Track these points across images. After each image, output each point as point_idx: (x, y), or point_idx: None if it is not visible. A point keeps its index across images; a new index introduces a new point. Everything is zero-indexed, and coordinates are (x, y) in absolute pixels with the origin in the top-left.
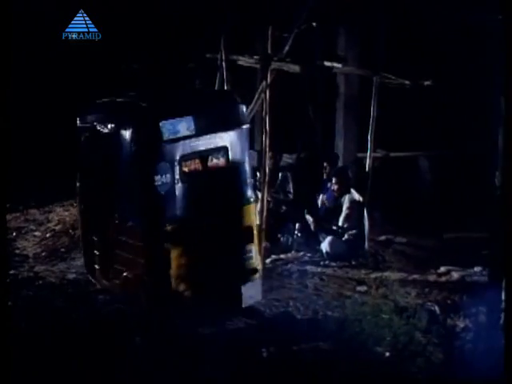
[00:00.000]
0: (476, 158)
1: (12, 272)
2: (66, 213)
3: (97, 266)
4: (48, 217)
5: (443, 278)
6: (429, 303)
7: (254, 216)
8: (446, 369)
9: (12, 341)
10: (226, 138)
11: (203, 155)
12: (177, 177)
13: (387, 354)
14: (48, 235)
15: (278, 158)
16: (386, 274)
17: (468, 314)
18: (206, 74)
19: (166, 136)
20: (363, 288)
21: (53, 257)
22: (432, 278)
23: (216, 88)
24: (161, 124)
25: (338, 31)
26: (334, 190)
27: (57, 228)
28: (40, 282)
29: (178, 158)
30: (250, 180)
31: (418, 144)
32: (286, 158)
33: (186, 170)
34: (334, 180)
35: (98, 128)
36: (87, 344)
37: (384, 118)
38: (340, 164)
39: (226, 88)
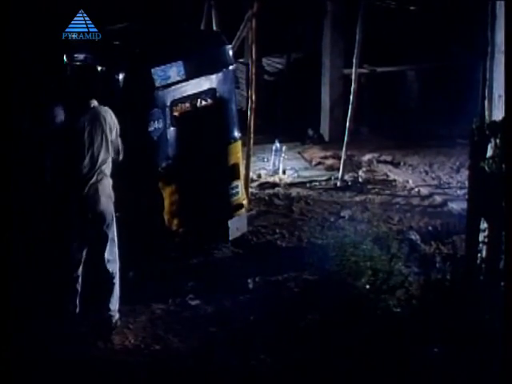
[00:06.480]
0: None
1: None
2: None
3: None
4: None
5: (426, 202)
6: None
7: (239, 153)
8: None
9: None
10: (214, 80)
11: (192, 98)
12: (168, 121)
13: (367, 286)
14: None
15: None
16: (370, 196)
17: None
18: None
19: (158, 83)
20: (347, 213)
21: None
22: (415, 201)
23: (204, 14)
24: (153, 71)
25: None
26: None
27: None
28: None
29: (169, 103)
30: (235, 119)
31: (404, 58)
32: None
33: (176, 114)
34: None
35: (88, 68)
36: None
37: (370, 34)
38: None
39: (213, 14)
